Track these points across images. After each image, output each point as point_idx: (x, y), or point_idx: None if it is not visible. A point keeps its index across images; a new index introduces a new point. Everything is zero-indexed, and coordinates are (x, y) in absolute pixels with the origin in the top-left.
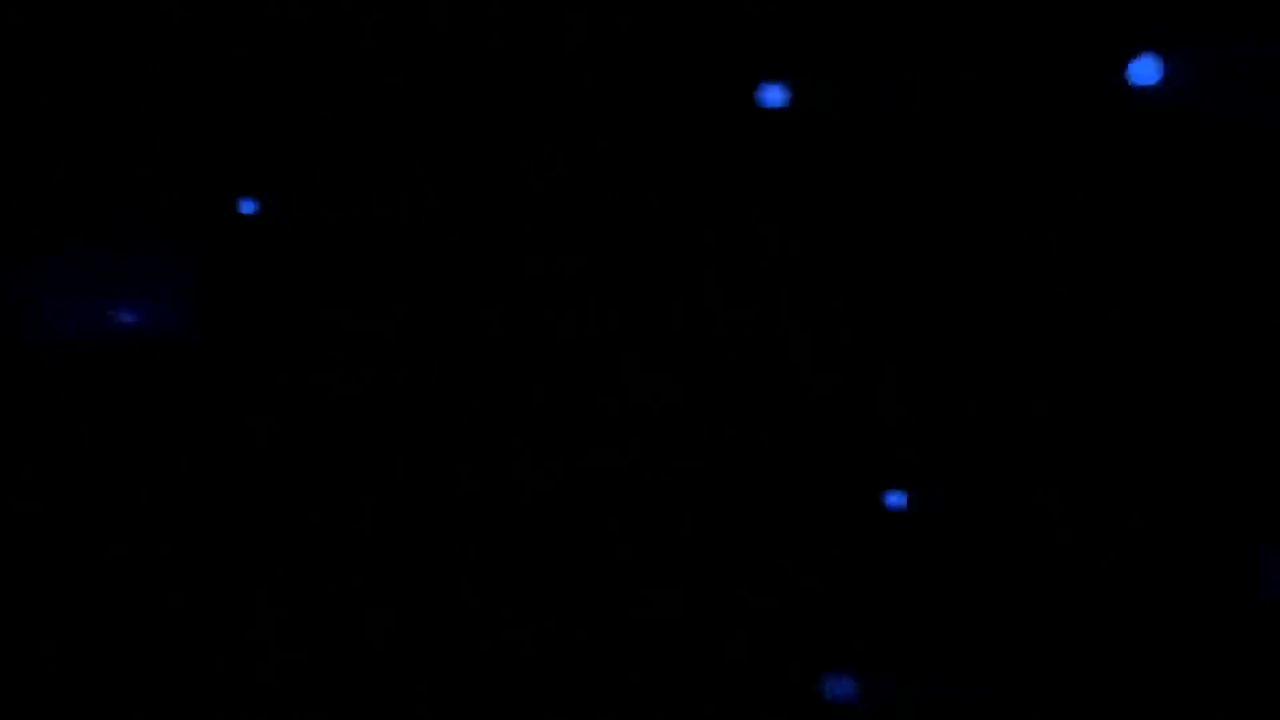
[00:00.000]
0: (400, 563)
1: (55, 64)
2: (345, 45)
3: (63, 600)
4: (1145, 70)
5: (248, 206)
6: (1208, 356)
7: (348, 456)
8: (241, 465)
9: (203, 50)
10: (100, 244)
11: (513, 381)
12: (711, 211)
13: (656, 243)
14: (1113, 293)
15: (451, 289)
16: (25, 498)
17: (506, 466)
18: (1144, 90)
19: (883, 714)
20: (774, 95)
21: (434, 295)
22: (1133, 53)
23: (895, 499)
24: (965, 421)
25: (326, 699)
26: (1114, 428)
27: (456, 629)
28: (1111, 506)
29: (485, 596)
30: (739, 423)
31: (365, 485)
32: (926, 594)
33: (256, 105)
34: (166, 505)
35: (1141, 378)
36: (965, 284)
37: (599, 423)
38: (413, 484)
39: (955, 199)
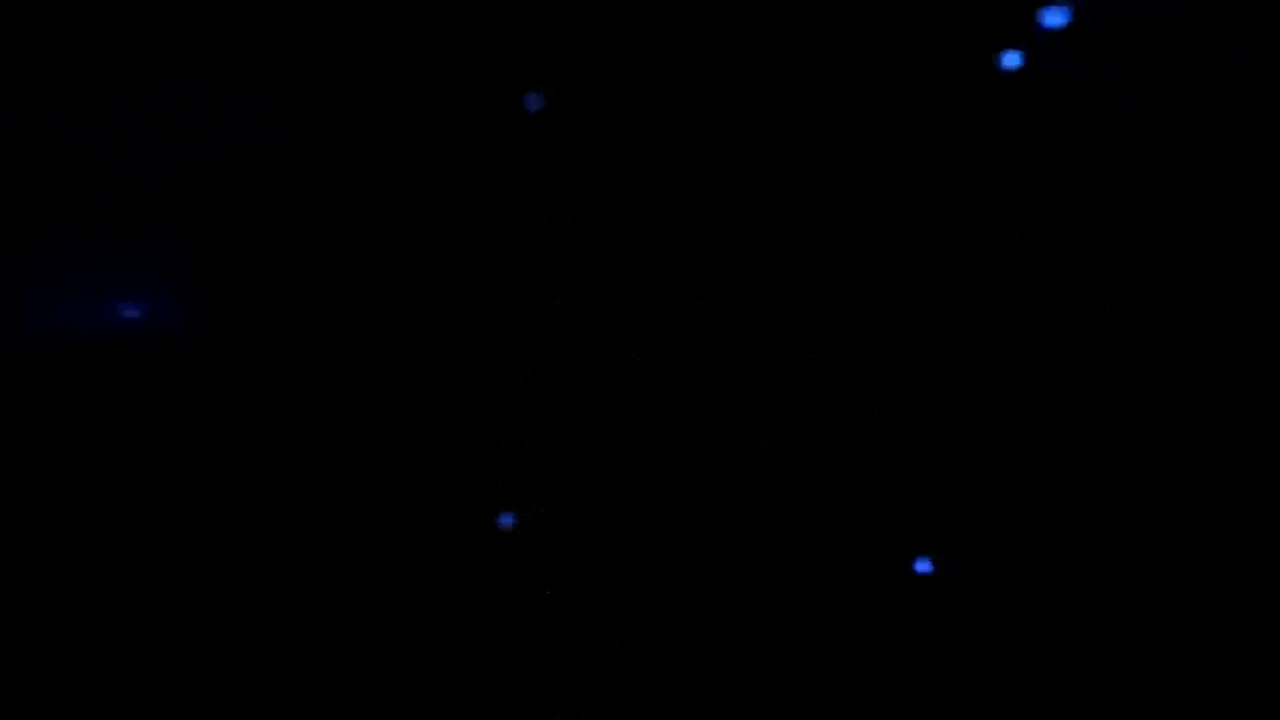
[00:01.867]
0: (398, 561)
1: (56, 63)
2: (341, 45)
3: (63, 598)
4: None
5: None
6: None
7: (345, 454)
8: (239, 462)
9: (202, 49)
10: (98, 241)
11: (506, 379)
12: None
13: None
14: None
15: (445, 289)
16: (24, 495)
17: (502, 464)
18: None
19: None
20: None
21: (429, 295)
22: None
23: (505, 519)
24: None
25: (326, 698)
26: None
27: (453, 627)
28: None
29: (480, 595)
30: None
31: (363, 483)
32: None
33: (255, 102)
34: (165, 502)
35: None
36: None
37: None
38: (410, 481)
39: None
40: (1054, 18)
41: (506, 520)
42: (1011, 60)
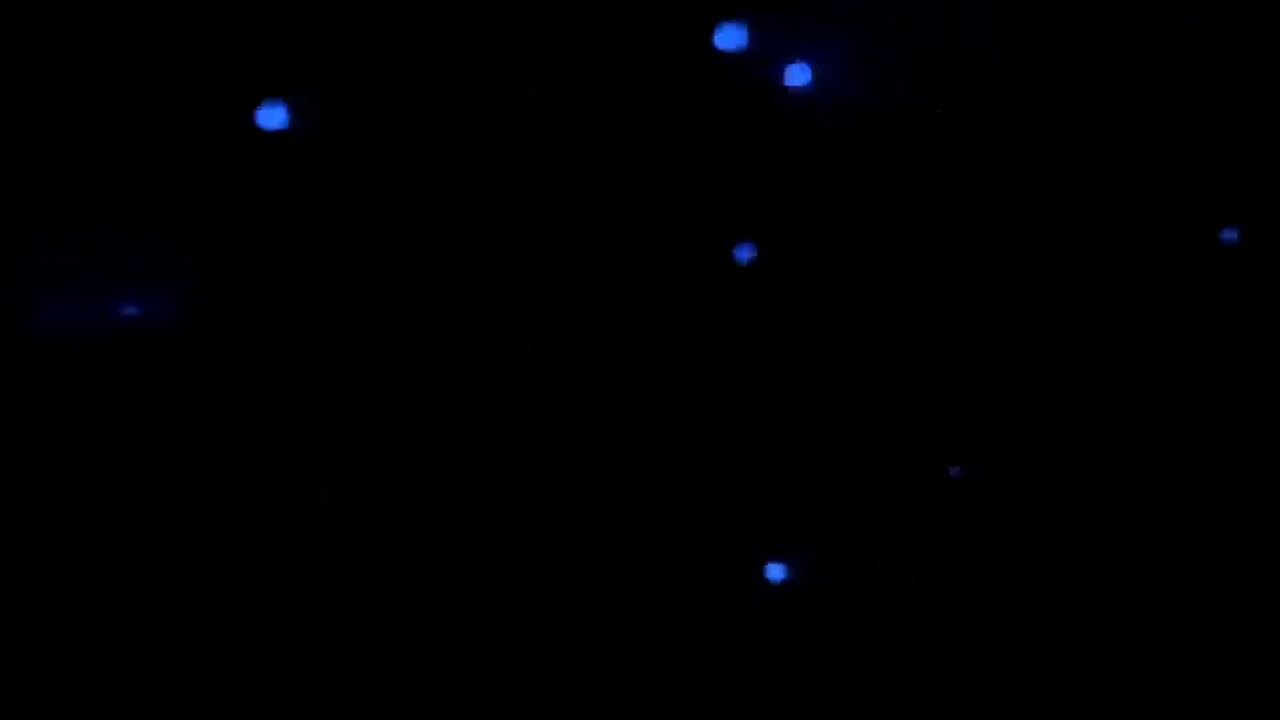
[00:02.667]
0: (395, 557)
1: (55, 63)
2: (340, 45)
3: (63, 595)
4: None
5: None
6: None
7: (345, 453)
8: (238, 460)
9: (199, 50)
10: (99, 240)
11: (502, 377)
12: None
13: None
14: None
15: (442, 287)
16: (25, 492)
17: (498, 462)
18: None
19: None
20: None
21: (428, 293)
22: None
23: None
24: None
25: (326, 697)
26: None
27: (451, 627)
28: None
29: (479, 591)
30: None
31: (363, 482)
32: None
33: (252, 103)
34: (164, 500)
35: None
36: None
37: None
38: (406, 478)
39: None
40: (730, 39)
41: None
42: (800, 76)
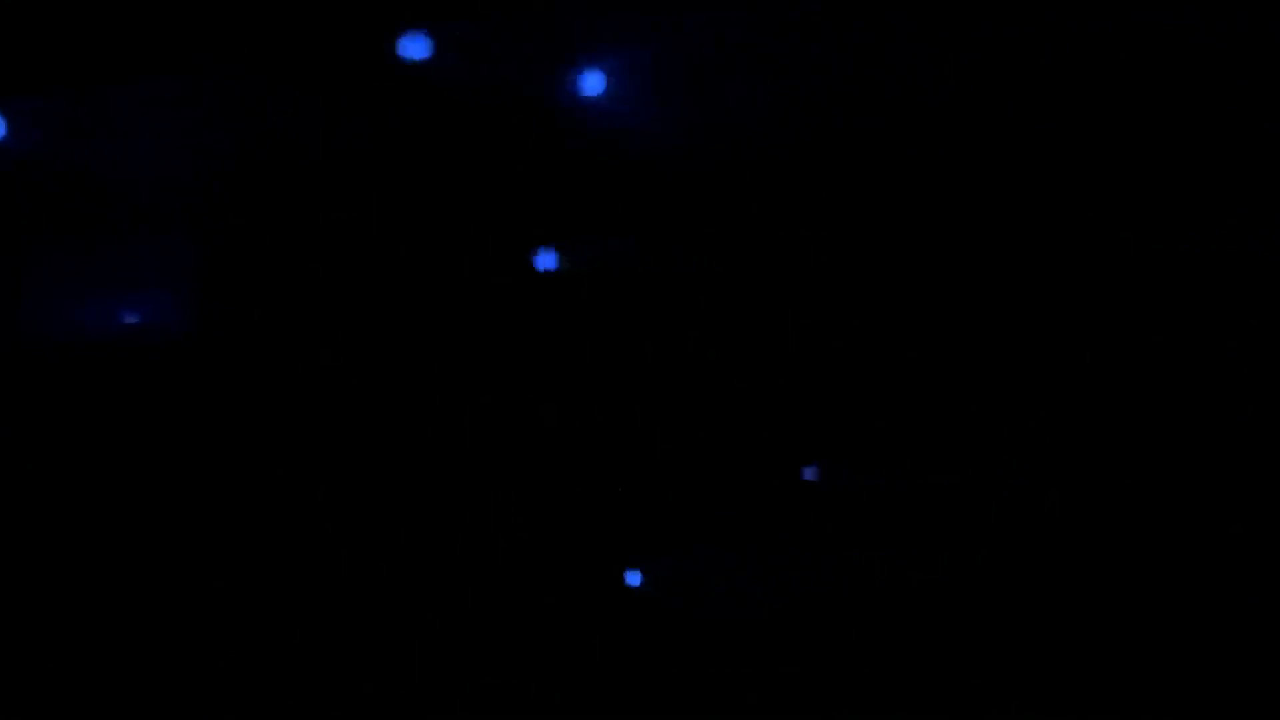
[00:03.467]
0: (394, 556)
1: (56, 63)
2: (339, 45)
3: (63, 594)
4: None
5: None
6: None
7: (345, 454)
8: (238, 460)
9: (202, 48)
10: (100, 241)
11: (502, 377)
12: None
13: None
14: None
15: (444, 287)
16: (25, 492)
17: (498, 462)
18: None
19: None
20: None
21: (428, 293)
22: None
23: None
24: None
25: (326, 697)
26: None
27: (449, 627)
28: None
29: (484, 591)
30: None
31: (363, 482)
32: None
33: (255, 101)
34: (165, 500)
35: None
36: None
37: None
38: (404, 477)
39: None
40: (413, 49)
41: None
42: (594, 85)
